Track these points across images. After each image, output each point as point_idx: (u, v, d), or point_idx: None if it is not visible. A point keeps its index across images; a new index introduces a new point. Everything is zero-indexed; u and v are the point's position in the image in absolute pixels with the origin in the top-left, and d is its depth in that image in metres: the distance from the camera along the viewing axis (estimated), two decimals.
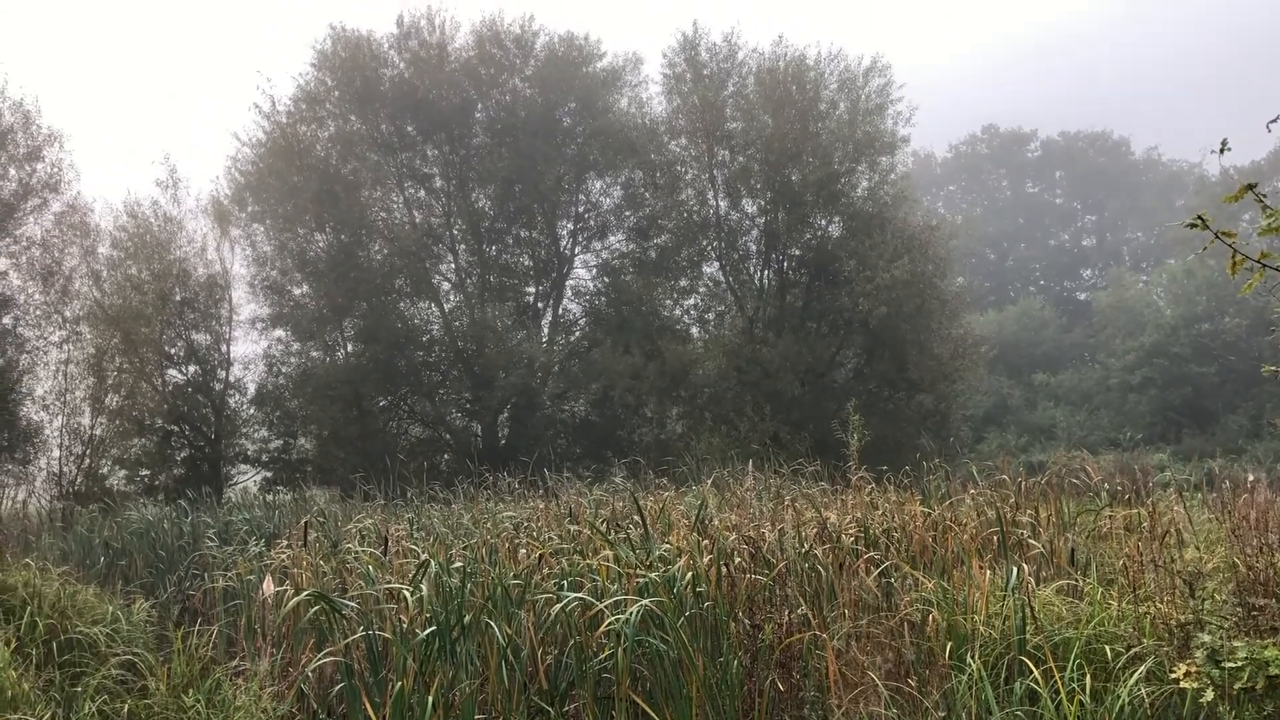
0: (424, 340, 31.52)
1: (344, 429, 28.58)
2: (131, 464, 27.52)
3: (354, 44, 30.36)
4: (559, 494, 14.12)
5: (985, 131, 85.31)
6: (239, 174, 30.21)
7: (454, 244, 32.00)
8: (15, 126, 25.07)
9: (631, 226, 32.77)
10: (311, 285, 29.95)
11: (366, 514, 13.07)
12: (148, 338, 27.13)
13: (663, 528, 10.02)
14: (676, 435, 30.21)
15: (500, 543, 9.65)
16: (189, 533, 14.60)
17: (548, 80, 31.32)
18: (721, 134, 30.41)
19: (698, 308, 33.10)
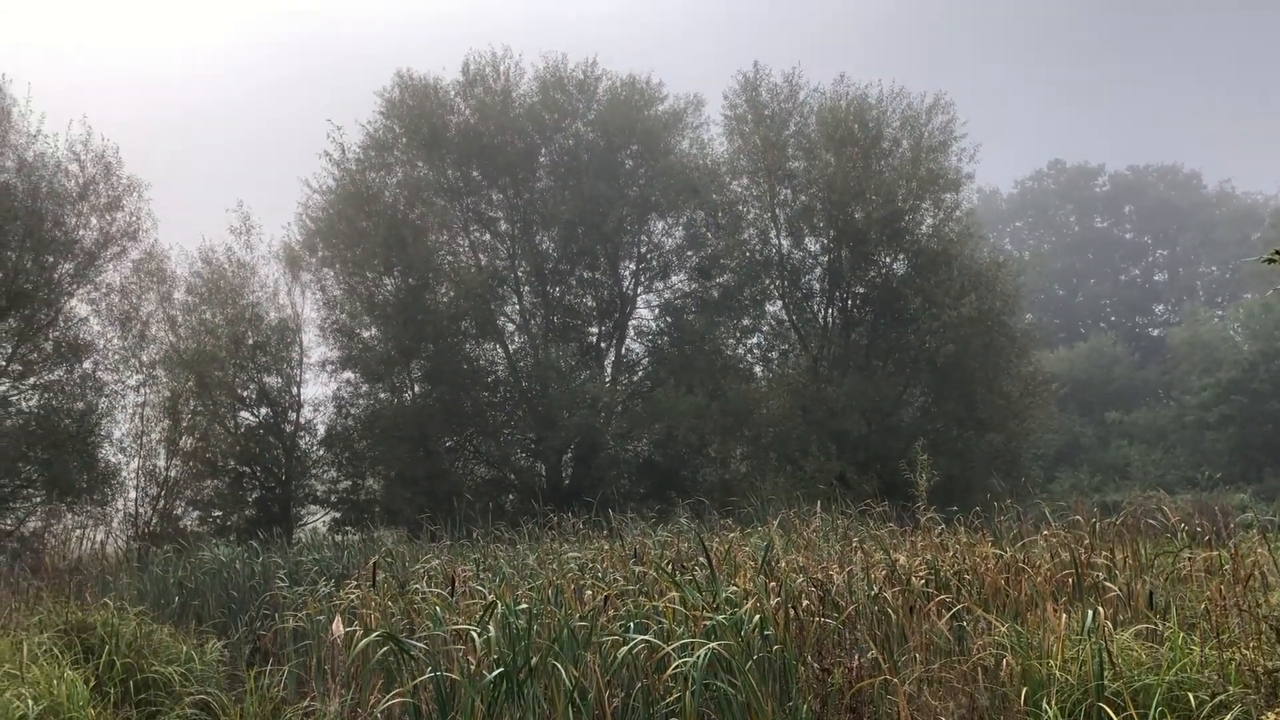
0: (489, 381, 31.79)
1: (411, 469, 28.86)
2: (204, 505, 28.05)
3: (421, 91, 30.98)
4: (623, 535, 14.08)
5: (1051, 167, 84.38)
6: (310, 220, 30.90)
7: (518, 285, 32.33)
8: (97, 177, 25.94)
9: (694, 266, 32.84)
10: (380, 328, 30.45)
11: (433, 554, 13.15)
12: (221, 381, 27.74)
13: (729, 569, 9.93)
14: (741, 475, 30.00)
15: (565, 584, 9.63)
16: (260, 573, 14.79)
17: (610, 123, 31.65)
18: (783, 173, 30.49)
19: (761, 346, 33.02)
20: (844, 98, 30.45)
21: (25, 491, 25.32)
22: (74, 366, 25.89)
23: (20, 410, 25.49)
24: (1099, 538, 10.35)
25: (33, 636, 9.20)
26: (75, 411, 25.43)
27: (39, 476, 25.05)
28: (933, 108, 30.35)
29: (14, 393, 25.48)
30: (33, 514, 25.14)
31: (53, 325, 25.43)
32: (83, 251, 25.62)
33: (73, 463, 24.81)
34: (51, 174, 25.16)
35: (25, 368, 25.21)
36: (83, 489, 25.14)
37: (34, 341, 25.07)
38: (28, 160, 24.93)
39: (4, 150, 24.66)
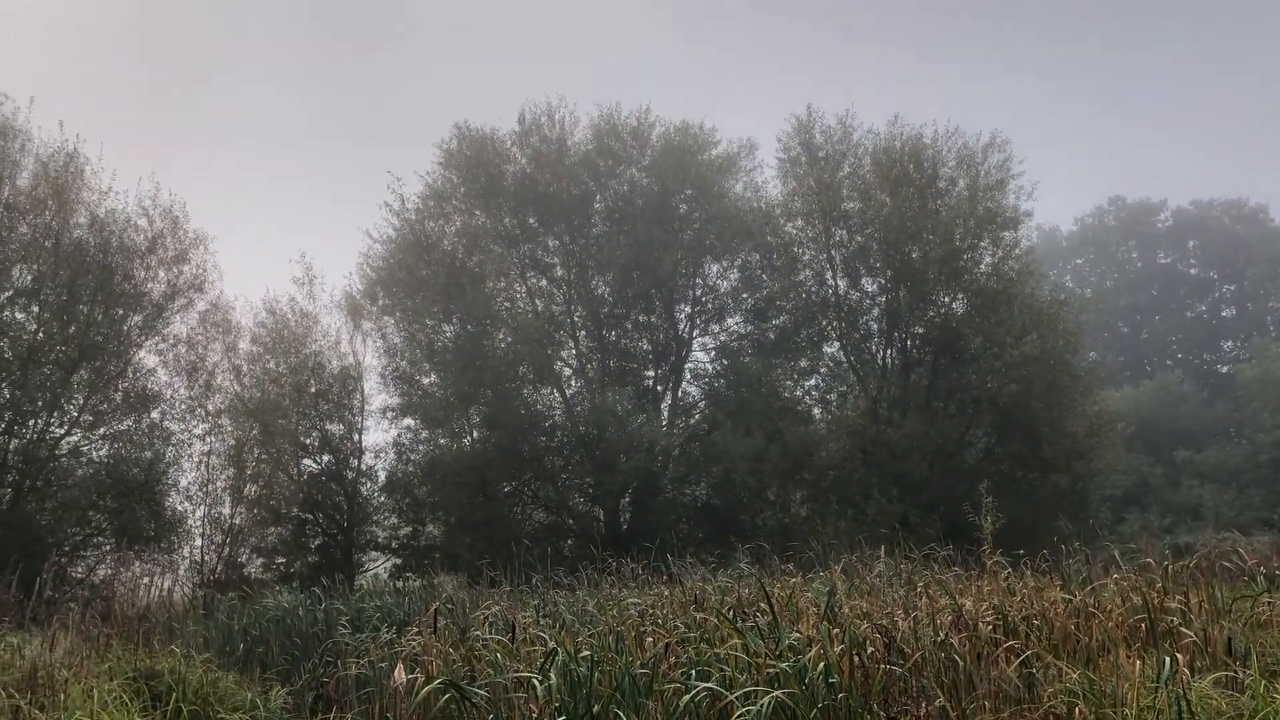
0: (546, 425, 31.90)
1: (470, 515, 28.99)
2: (268, 552, 28.38)
3: (478, 142, 31.51)
4: (683, 580, 13.99)
5: (1112, 203, 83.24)
6: (370, 269, 31.43)
7: (575, 330, 32.53)
8: (165, 231, 26.66)
9: (749, 308, 32.82)
10: (439, 374, 30.78)
11: (493, 600, 13.16)
12: (284, 429, 28.16)
13: (791, 615, 9.82)
14: (801, 519, 29.68)
15: (626, 630, 9.59)
16: (322, 620, 14.91)
17: (664, 168, 31.91)
18: (838, 214, 30.47)
19: (819, 388, 32.81)
20: (898, 138, 30.43)
21: (95, 540, 25.82)
22: (142, 416, 26.45)
23: (91, 460, 26.07)
24: (1172, 581, 10.08)
25: (103, 684, 9.34)
26: (143, 460, 25.93)
27: (108, 525, 25.54)
28: (989, 146, 30.20)
29: (85, 443, 26.08)
30: (102, 562, 25.62)
31: (122, 376, 26.02)
32: (151, 304, 26.27)
33: (141, 511, 25.29)
34: (121, 229, 25.90)
35: (96, 418, 25.81)
36: (150, 537, 25.57)
37: (104, 392, 25.67)
38: (99, 216, 25.70)
39: (77, 208, 25.44)
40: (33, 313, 25.01)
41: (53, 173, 25.04)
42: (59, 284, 24.65)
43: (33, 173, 25.04)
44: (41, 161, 25.10)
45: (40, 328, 24.80)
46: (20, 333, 24.80)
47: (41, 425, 24.78)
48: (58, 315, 24.81)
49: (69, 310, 24.76)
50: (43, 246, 24.66)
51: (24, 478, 24.27)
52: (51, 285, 24.68)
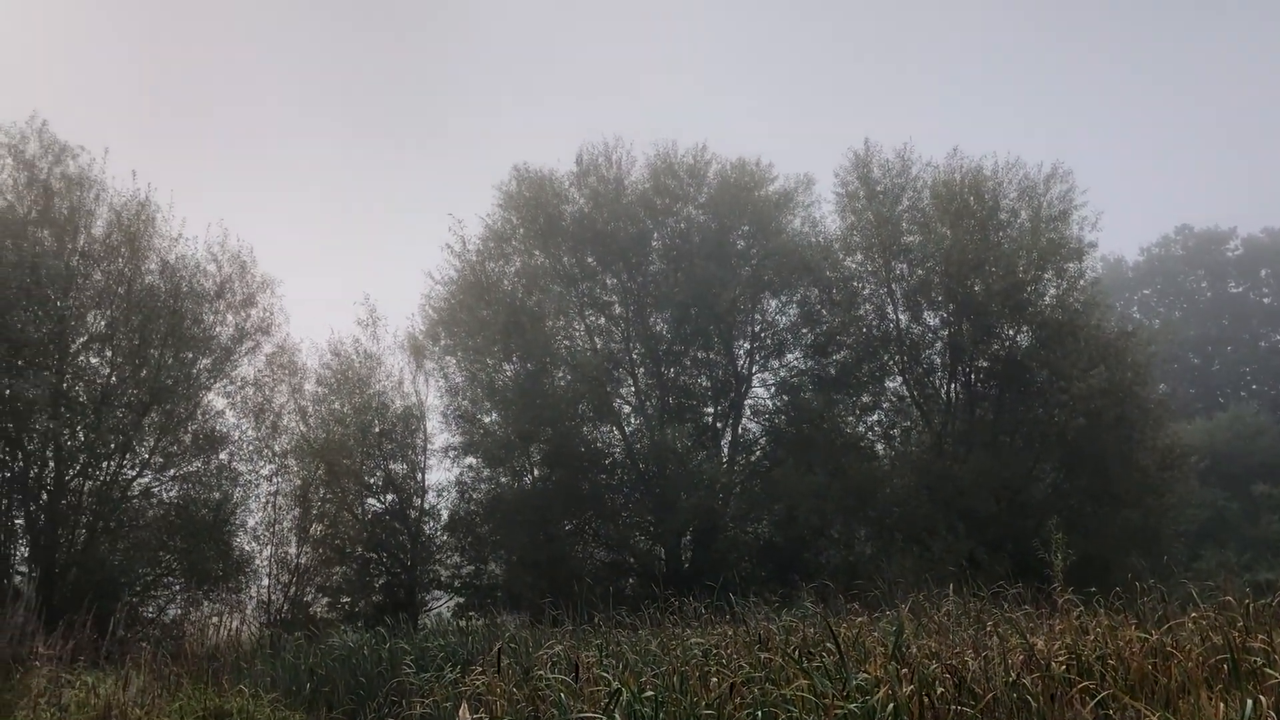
0: (606, 463, 31.90)
1: (532, 553, 29.00)
2: (333, 591, 28.65)
3: (537, 183, 31.87)
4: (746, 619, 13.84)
5: (1179, 232, 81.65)
6: (432, 310, 31.83)
7: (633, 368, 32.57)
8: (233, 276, 27.30)
9: (809, 344, 32.62)
10: (500, 413, 30.97)
11: (556, 640, 13.12)
12: (349, 469, 28.51)
13: (858, 655, 9.66)
14: (866, 557, 29.24)
15: (690, 670, 9.49)
16: (387, 659, 14.96)
17: (721, 205, 31.98)
18: (898, 248, 30.28)
19: (882, 424, 32.42)
20: (958, 170, 30.23)
21: (165, 580, 26.28)
22: (211, 458, 26.93)
23: (161, 501, 26.59)
24: (1255, 620, 9.73)
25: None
26: (212, 501, 26.38)
27: (178, 565, 25.99)
28: (1051, 177, 29.87)
29: (155, 484, 26.62)
30: (172, 601, 26.06)
31: (191, 418, 26.56)
32: (220, 347, 26.85)
33: (209, 551, 25.69)
34: (191, 274, 26.57)
35: (166, 460, 26.34)
36: (219, 577, 25.96)
37: (174, 434, 26.20)
38: (170, 262, 26.40)
39: (149, 254, 26.16)
40: (106, 357, 25.69)
41: (125, 221, 25.80)
42: (131, 329, 25.30)
43: (107, 221, 25.86)
44: (115, 210, 25.90)
45: (113, 371, 25.44)
46: (94, 377, 25.46)
47: (114, 467, 25.35)
48: (130, 359, 25.44)
49: (141, 354, 25.38)
50: (116, 292, 25.35)
51: (97, 519, 24.82)
52: (124, 330, 25.34)
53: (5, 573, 23.83)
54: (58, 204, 25.32)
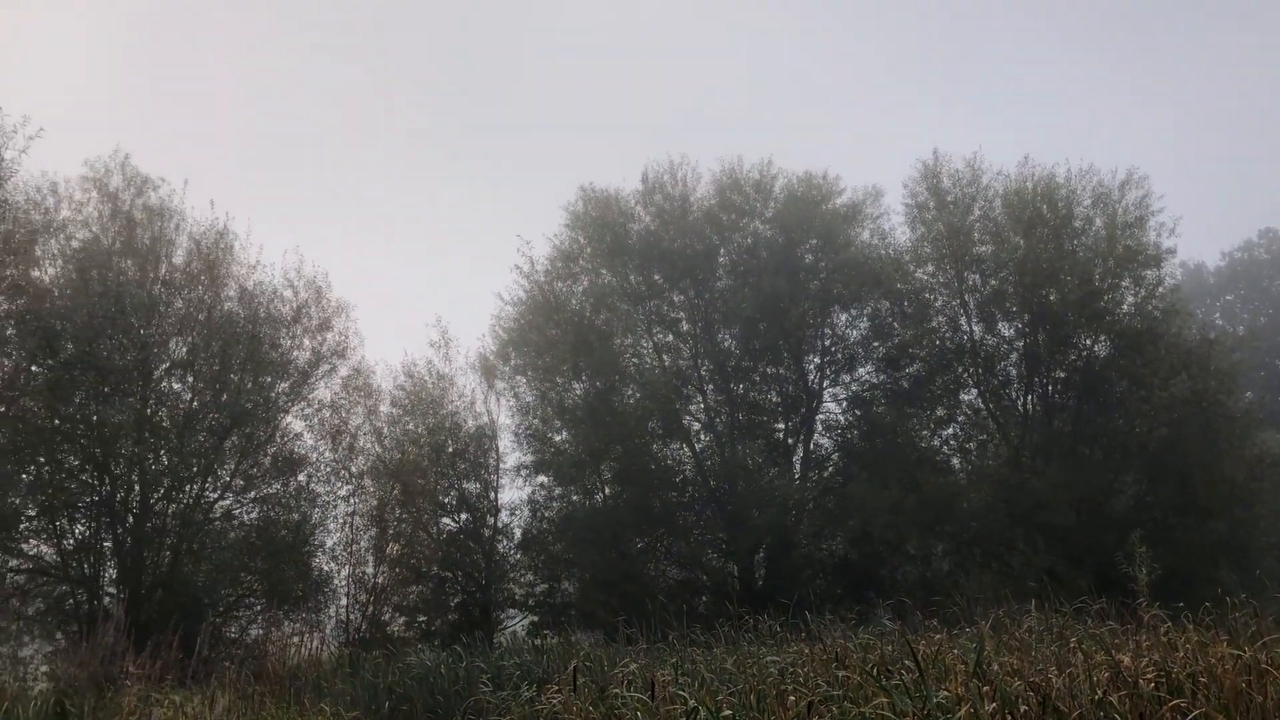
0: (677, 481, 31.83)
1: (604, 572, 29.03)
2: (410, 610, 28.95)
3: (603, 203, 32.04)
4: (822, 637, 13.68)
5: (1262, 235, 79.24)
6: (502, 330, 32.14)
7: (702, 384, 32.49)
8: (309, 301, 27.85)
9: (881, 357, 32.26)
10: (570, 431, 31.11)
11: (630, 658, 13.10)
12: (424, 488, 28.84)
13: (938, 673, 9.49)
14: (943, 573, 28.77)
15: (767, 689, 9.41)
16: (464, 677, 15.08)
17: (788, 220, 31.83)
18: (970, 258, 29.89)
19: (957, 437, 31.89)
20: (1029, 179, 29.75)
21: (247, 600, 26.81)
22: (290, 479, 27.44)
23: (242, 523, 27.14)
24: None
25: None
26: (291, 522, 26.86)
27: (259, 586, 26.49)
28: (1126, 183, 29.26)
29: (236, 506, 27.20)
30: (254, 622, 26.55)
31: (271, 441, 27.11)
32: (297, 371, 27.39)
33: (290, 571, 26.15)
34: (269, 300, 27.18)
35: (247, 482, 26.91)
36: (298, 597, 26.40)
37: (254, 457, 26.77)
38: (248, 289, 27.06)
39: (227, 281, 26.84)
40: (188, 382, 26.36)
41: (205, 249, 26.52)
42: (211, 354, 25.94)
43: (187, 250, 26.62)
44: (194, 239, 26.66)
45: (195, 396, 26.09)
46: (177, 402, 26.14)
47: (197, 490, 25.96)
48: (210, 384, 26.06)
49: (221, 379, 25.99)
50: (196, 319, 26.04)
51: (181, 541, 25.41)
52: (204, 356, 25.99)
53: (95, 594, 24.51)
54: (140, 234, 26.10)
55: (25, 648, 23.69)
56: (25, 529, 24.62)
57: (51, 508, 24.38)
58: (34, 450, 23.47)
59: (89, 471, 24.93)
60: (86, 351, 23.82)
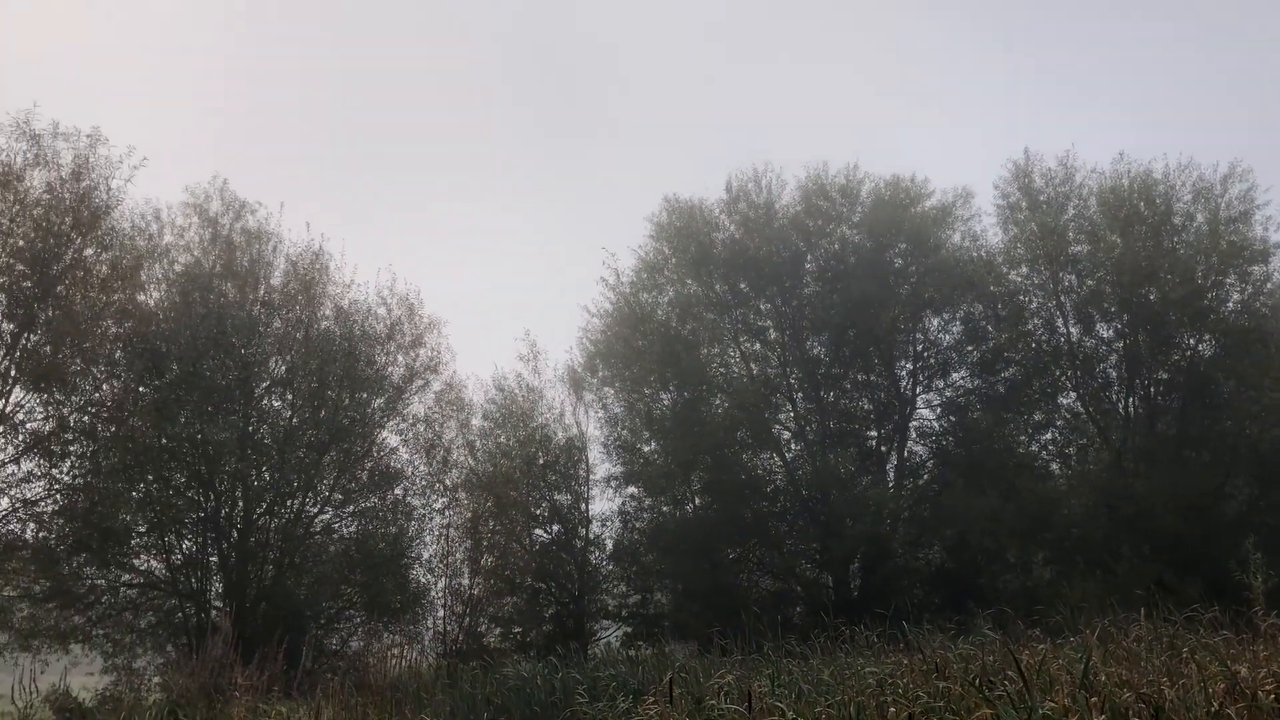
0: (768, 490, 31.63)
1: (696, 582, 28.96)
2: (505, 621, 29.28)
3: (687, 213, 32.03)
4: (921, 647, 13.43)
5: None
6: (589, 342, 32.38)
7: (791, 393, 32.24)
8: (402, 318, 28.41)
9: (975, 361, 31.65)
10: (659, 442, 31.16)
11: (726, 669, 13.02)
12: (516, 500, 29.17)
13: (1042, 684, 9.23)
14: (1044, 581, 28.08)
15: (865, 700, 9.27)
16: (560, 689, 15.14)
17: (876, 224, 31.44)
18: (1065, 258, 29.20)
19: (1056, 442, 31.12)
20: (1125, 175, 28.97)
21: (347, 612, 27.37)
22: (386, 493, 27.99)
23: (341, 536, 27.74)
24: None
25: None
26: (389, 535, 27.37)
27: (358, 598, 27.03)
28: (1228, 177, 28.25)
29: (336, 520, 27.82)
30: (354, 634, 27.09)
31: (368, 456, 27.69)
32: (391, 386, 27.93)
33: (388, 584, 26.63)
34: (363, 318, 27.80)
35: (345, 496, 27.52)
36: (397, 608, 26.86)
37: (352, 472, 27.37)
38: (343, 307, 27.73)
39: (323, 301, 27.53)
40: (287, 400, 27.08)
41: (301, 270, 27.24)
42: (309, 372, 26.60)
43: (284, 271, 27.38)
44: (291, 261, 27.41)
45: (294, 413, 26.79)
46: (277, 419, 26.86)
47: (297, 505, 26.62)
48: (309, 401, 26.73)
49: (319, 396, 26.64)
50: (294, 338, 26.73)
51: (283, 554, 26.09)
52: (303, 374, 26.67)
53: (203, 607, 25.28)
54: (239, 257, 26.92)
55: (139, 659, 24.52)
56: (136, 544, 25.50)
57: (160, 524, 25.21)
58: (143, 468, 24.31)
59: (195, 488, 25.74)
60: (191, 372, 24.62)
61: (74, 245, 21.93)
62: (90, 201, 22.13)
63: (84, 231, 22.12)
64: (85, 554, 23.33)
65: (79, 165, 22.11)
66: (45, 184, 21.71)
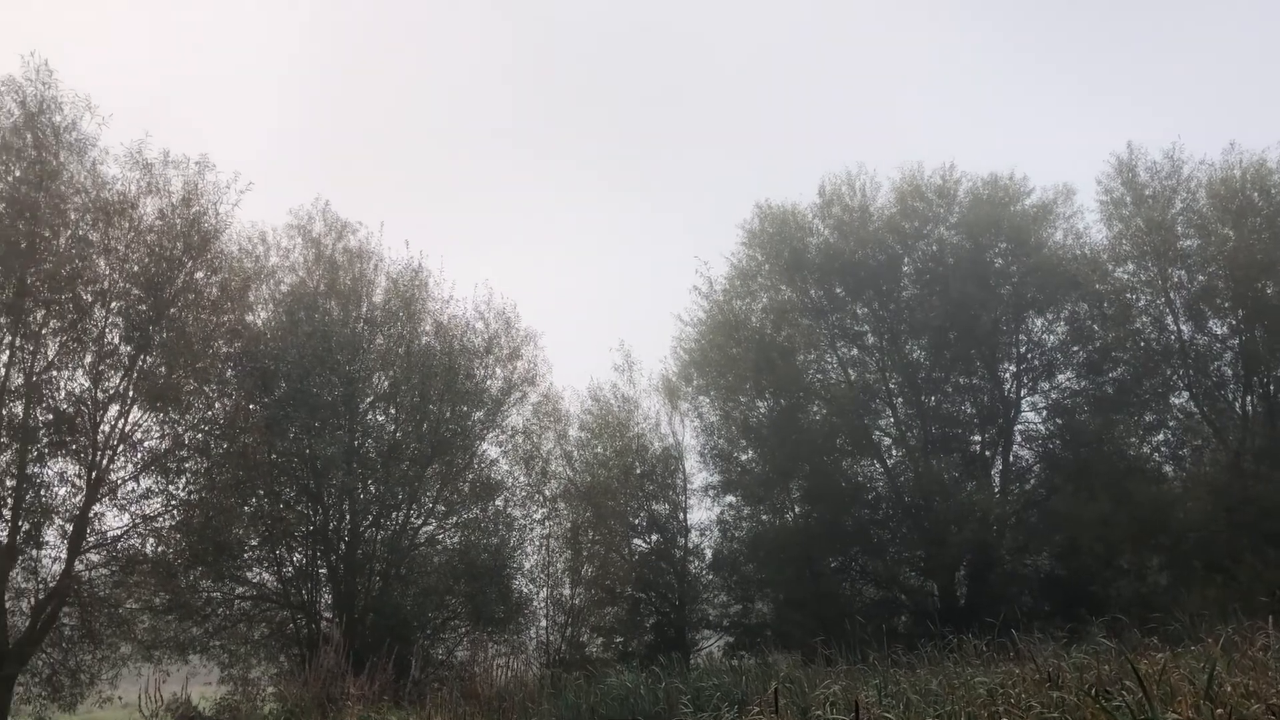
0: (869, 498, 31.23)
1: (798, 592, 28.72)
2: (607, 631, 29.41)
3: (780, 218, 31.84)
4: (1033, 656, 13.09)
5: None
6: (683, 351, 32.41)
7: (891, 398, 31.77)
8: (499, 332, 28.80)
9: (1081, 362, 30.77)
10: (756, 450, 31.01)
11: (831, 679, 12.89)
12: (614, 510, 29.32)
13: (1163, 694, 8.91)
14: (1160, 588, 27.14)
15: (976, 710, 9.08)
16: (663, 698, 15.16)
17: (974, 224, 30.83)
18: (1174, 254, 28.21)
19: (1169, 443, 30.06)
20: (1236, 166, 27.86)
21: (452, 623, 27.79)
22: (488, 504, 28.35)
23: (445, 547, 28.19)
24: None
25: None
26: (490, 546, 27.71)
27: (463, 608, 27.43)
28: None
29: (439, 532, 28.29)
30: (459, 643, 27.49)
31: (469, 468, 28.10)
32: (490, 399, 28.31)
33: (491, 593, 26.95)
34: (462, 333, 28.24)
35: (448, 508, 27.97)
36: (500, 619, 27.18)
37: (454, 484, 27.79)
38: (442, 323, 28.20)
39: (423, 317, 28.05)
40: (390, 414, 27.63)
41: (401, 287, 27.80)
42: (411, 387, 27.10)
43: (385, 289, 27.98)
44: (391, 278, 27.98)
45: (397, 427, 27.32)
46: (381, 433, 27.41)
47: (402, 517, 27.13)
48: (412, 415, 27.23)
49: (421, 410, 27.12)
50: (396, 354, 27.29)
51: (389, 566, 26.60)
52: (405, 388, 27.18)
53: (314, 618, 25.92)
54: (342, 276, 27.59)
55: (254, 669, 25.24)
56: (249, 558, 26.24)
57: (272, 537, 25.91)
58: (254, 484, 24.99)
59: (304, 502, 26.40)
60: (298, 389, 25.28)
61: (185, 269, 22.63)
62: (200, 226, 22.86)
63: (194, 255, 22.83)
64: (201, 567, 24.01)
65: (189, 192, 22.86)
66: (157, 211, 22.46)
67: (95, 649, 22.11)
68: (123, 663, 22.95)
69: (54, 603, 20.84)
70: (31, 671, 21.52)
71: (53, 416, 21.01)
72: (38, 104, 20.96)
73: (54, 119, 21.19)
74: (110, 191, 21.90)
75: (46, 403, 20.99)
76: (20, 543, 20.58)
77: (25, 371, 20.72)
